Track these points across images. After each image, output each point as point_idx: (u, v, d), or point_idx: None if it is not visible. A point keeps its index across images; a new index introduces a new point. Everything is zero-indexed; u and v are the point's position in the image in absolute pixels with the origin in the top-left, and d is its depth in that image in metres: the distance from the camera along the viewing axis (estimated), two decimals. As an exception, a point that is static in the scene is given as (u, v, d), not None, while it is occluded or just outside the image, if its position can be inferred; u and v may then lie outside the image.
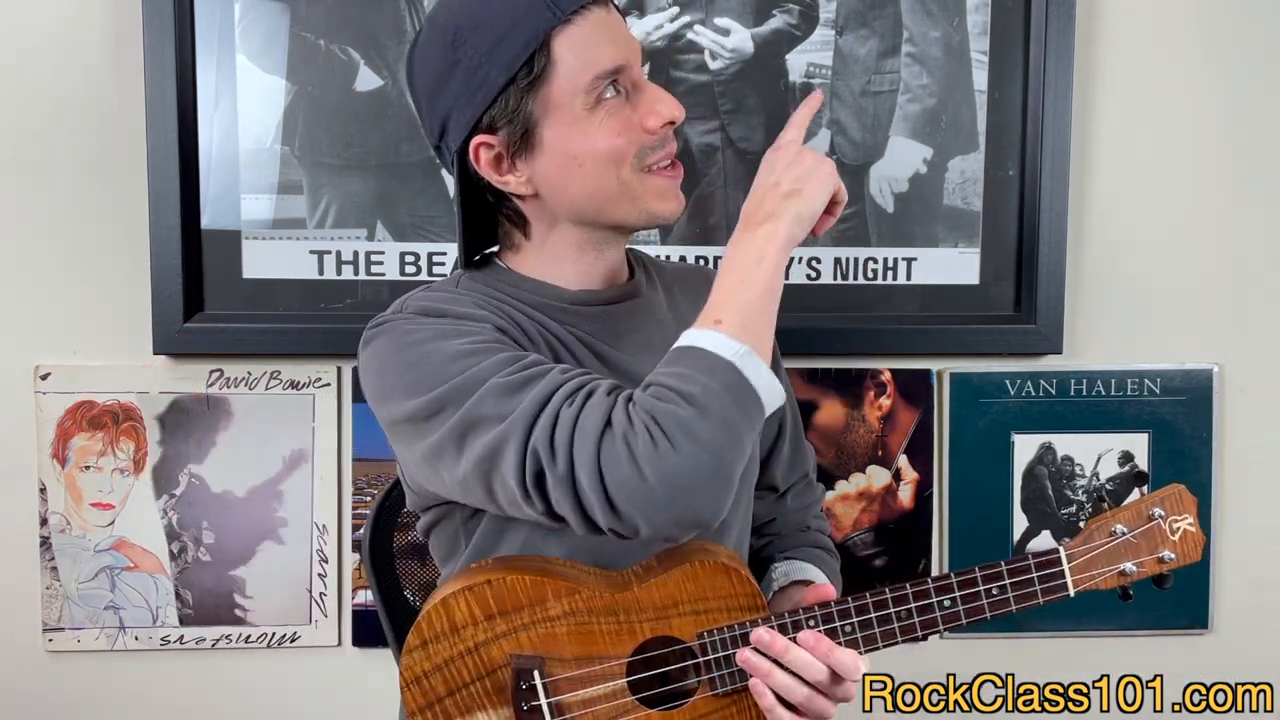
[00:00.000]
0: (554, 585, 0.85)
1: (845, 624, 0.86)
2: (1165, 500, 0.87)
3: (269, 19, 1.31)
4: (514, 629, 0.85)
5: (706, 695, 0.87)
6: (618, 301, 0.97)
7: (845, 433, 1.42)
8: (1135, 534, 0.86)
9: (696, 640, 0.86)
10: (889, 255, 1.41)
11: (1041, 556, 0.86)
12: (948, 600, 0.86)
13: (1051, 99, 1.37)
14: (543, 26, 0.83)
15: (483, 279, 0.96)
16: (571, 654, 0.85)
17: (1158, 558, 0.87)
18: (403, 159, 1.33)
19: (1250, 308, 1.47)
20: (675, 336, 0.84)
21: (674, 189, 0.91)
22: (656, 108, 0.88)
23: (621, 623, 0.86)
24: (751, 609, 0.88)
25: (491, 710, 0.85)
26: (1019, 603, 0.86)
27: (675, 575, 0.86)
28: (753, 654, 0.85)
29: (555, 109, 0.86)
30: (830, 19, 1.37)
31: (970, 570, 0.87)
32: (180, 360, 1.34)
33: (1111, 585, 0.87)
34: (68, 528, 1.34)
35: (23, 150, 1.31)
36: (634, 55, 0.89)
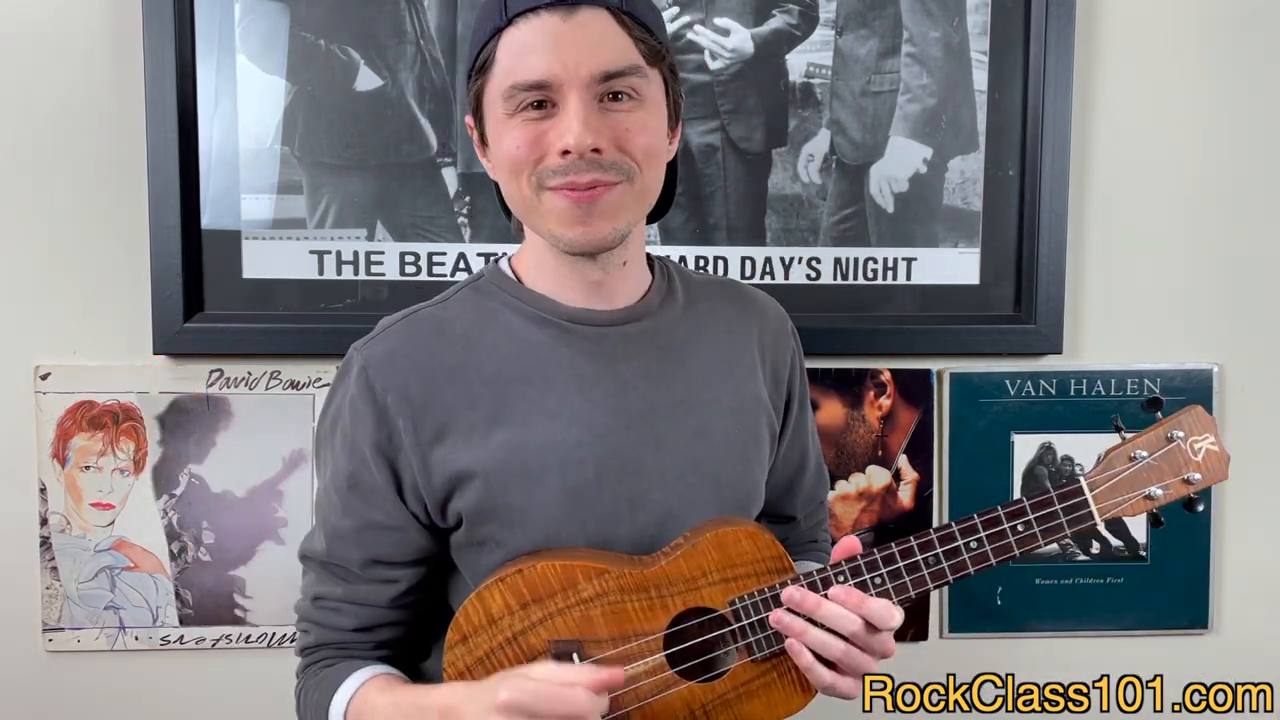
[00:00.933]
0: (583, 568, 0.86)
1: (875, 576, 0.85)
2: (1184, 421, 0.85)
3: (269, 19, 1.31)
4: (549, 615, 0.85)
5: (745, 662, 0.87)
6: (619, 324, 0.94)
7: (845, 433, 1.42)
8: (1156, 457, 0.84)
9: (729, 608, 0.87)
10: (889, 255, 1.41)
11: (1064, 488, 0.85)
12: (974, 542, 0.85)
13: (1051, 99, 1.37)
14: (493, 25, 0.85)
15: (487, 288, 0.96)
16: (608, 634, 0.85)
17: (1183, 479, 0.84)
18: (403, 159, 1.33)
19: (1250, 308, 1.47)
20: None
21: (574, 211, 0.85)
22: (558, 134, 0.83)
23: (654, 598, 0.86)
24: (780, 571, 0.88)
25: None
26: (1046, 537, 0.84)
27: (701, 546, 0.87)
28: (785, 614, 0.85)
29: (489, 106, 0.87)
30: (830, 19, 1.37)
31: (993, 510, 0.86)
32: (180, 360, 1.34)
33: (1140, 511, 0.84)
34: (68, 528, 1.34)
35: (22, 150, 1.31)
36: (573, 72, 0.82)
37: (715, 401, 0.96)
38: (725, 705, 0.87)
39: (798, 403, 1.07)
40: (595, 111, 0.84)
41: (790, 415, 1.06)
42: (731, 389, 0.98)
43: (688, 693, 0.87)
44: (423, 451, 0.88)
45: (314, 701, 0.91)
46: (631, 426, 0.91)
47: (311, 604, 0.95)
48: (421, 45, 1.32)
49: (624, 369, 0.92)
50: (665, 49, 0.89)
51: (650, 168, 0.88)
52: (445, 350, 0.91)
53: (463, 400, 0.89)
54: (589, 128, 0.83)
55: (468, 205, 1.35)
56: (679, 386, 0.94)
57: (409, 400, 0.88)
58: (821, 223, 1.39)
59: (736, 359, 1.00)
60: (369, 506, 0.90)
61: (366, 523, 0.91)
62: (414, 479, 0.89)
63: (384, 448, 0.89)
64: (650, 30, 0.87)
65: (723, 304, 1.02)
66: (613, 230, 0.87)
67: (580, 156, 0.83)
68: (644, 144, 0.86)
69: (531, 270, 0.95)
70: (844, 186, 1.39)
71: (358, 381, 0.90)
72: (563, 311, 0.93)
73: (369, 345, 0.92)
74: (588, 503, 0.89)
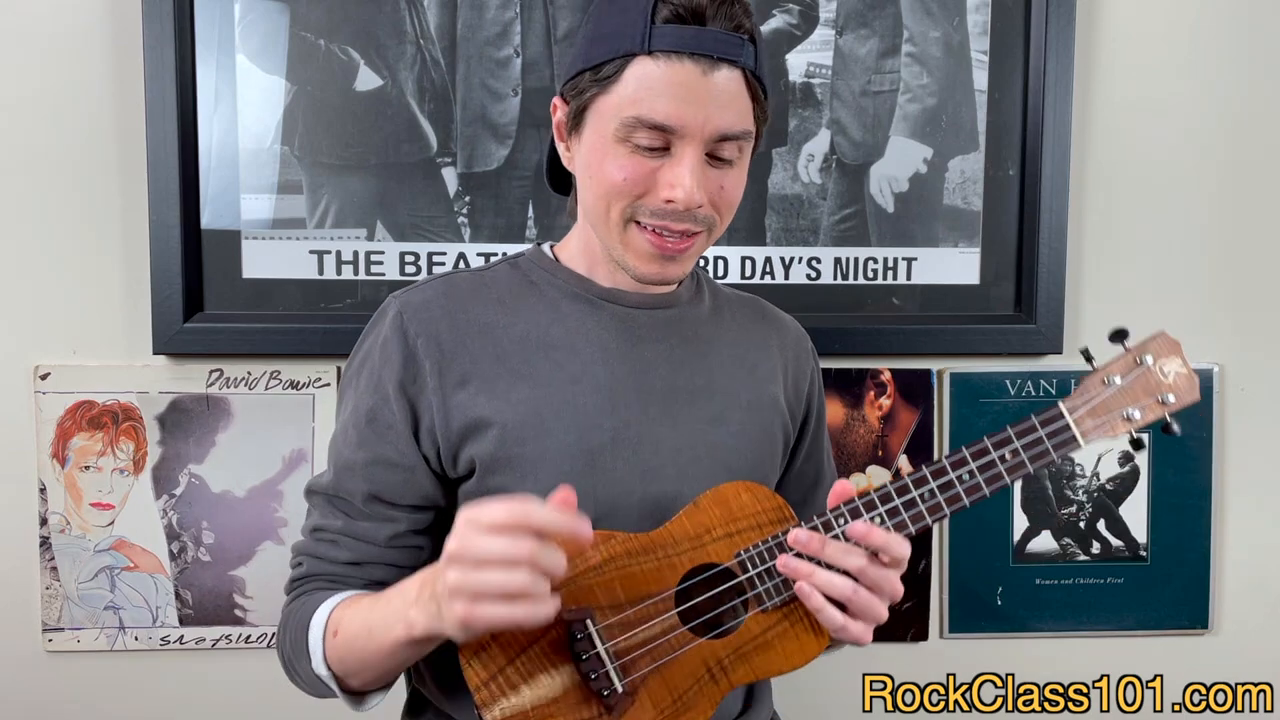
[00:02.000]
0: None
1: (873, 515, 0.86)
2: (1151, 346, 0.88)
3: (269, 19, 1.31)
4: (561, 584, 0.84)
5: (756, 613, 0.88)
6: (648, 308, 0.97)
7: (845, 433, 1.42)
8: (1129, 380, 0.87)
9: (735, 560, 0.87)
10: (889, 255, 1.41)
11: (1044, 414, 0.87)
12: (966, 474, 0.86)
13: (1051, 99, 1.37)
14: (630, 46, 0.85)
15: (525, 265, 1.00)
16: (619, 599, 0.86)
17: (1158, 400, 0.87)
18: (403, 159, 1.33)
19: (1250, 308, 1.47)
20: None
21: (655, 255, 0.89)
22: (668, 183, 0.86)
23: (660, 559, 0.87)
24: (781, 521, 0.89)
25: (553, 670, 0.85)
26: (1034, 462, 0.86)
27: (701, 504, 0.89)
28: (792, 558, 0.86)
29: (598, 118, 0.88)
30: (830, 19, 1.37)
31: (979, 441, 0.87)
32: (180, 360, 1.34)
33: (1121, 431, 0.87)
34: (68, 528, 1.34)
35: (22, 150, 1.31)
36: (699, 127, 0.84)
37: (734, 395, 0.99)
38: (742, 658, 0.87)
39: (815, 419, 1.10)
40: (704, 168, 0.87)
41: (807, 430, 1.09)
42: (750, 386, 1.01)
43: (704, 650, 0.87)
44: (445, 395, 0.91)
45: (296, 622, 0.91)
46: (650, 403, 0.94)
47: (309, 536, 0.96)
48: (421, 45, 1.32)
49: (648, 349, 0.96)
50: (770, 114, 0.93)
51: (728, 217, 0.93)
52: (479, 308, 0.95)
53: (490, 354, 0.92)
54: (700, 185, 0.86)
55: (468, 205, 1.35)
56: (700, 375, 0.97)
57: (439, 345, 0.92)
58: (821, 222, 1.40)
59: (757, 362, 1.03)
60: (383, 442, 0.92)
61: (377, 458, 0.92)
62: (432, 421, 0.91)
63: (408, 387, 0.92)
64: (766, 93, 0.90)
65: (747, 315, 1.06)
66: (682, 273, 0.93)
67: (686, 210, 0.87)
68: (731, 200, 0.91)
69: (574, 254, 0.99)
70: (844, 186, 1.39)
71: (392, 324, 0.93)
72: (596, 289, 0.97)
73: (407, 293, 0.96)
74: (601, 466, 0.90)
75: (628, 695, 0.85)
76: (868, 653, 1.44)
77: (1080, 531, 1.46)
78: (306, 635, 0.89)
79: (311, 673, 0.89)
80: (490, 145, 1.34)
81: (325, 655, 0.87)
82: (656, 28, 0.84)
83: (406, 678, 1.05)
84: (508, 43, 1.33)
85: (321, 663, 0.88)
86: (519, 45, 1.33)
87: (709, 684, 0.87)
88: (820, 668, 1.14)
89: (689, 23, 0.84)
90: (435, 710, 0.99)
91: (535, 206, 1.35)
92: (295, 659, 0.91)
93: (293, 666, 0.92)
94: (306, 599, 0.92)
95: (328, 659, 0.87)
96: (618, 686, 0.84)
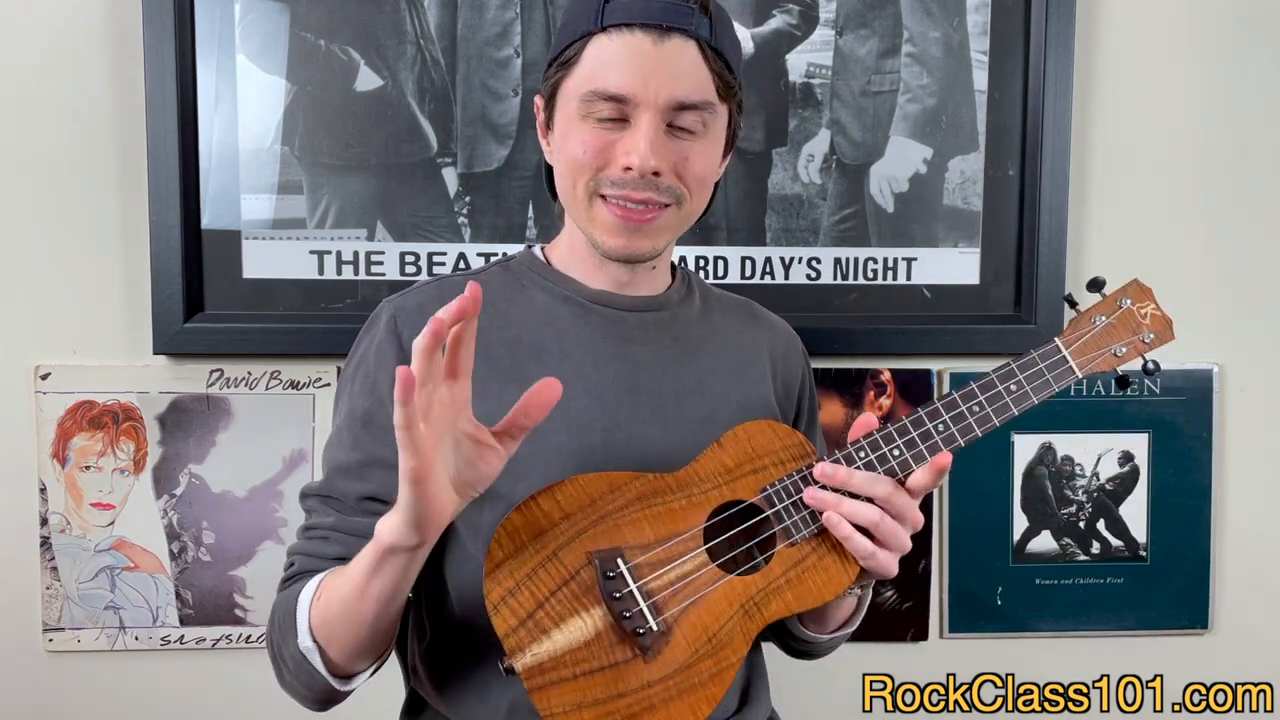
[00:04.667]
0: (614, 477, 0.87)
1: (893, 448, 0.89)
2: (1128, 291, 0.97)
3: (269, 19, 1.31)
4: (587, 526, 0.85)
5: (785, 547, 0.88)
6: (638, 310, 0.98)
7: (845, 432, 1.42)
8: (1113, 318, 0.95)
9: (761, 495, 0.88)
10: (889, 255, 1.41)
11: (1042, 349, 0.93)
12: (976, 406, 0.90)
13: (1051, 99, 1.37)
14: (586, 26, 0.88)
15: (517, 268, 1.01)
16: (647, 538, 0.86)
17: (1140, 339, 0.96)
18: (403, 159, 1.33)
19: (1250, 308, 1.47)
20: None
21: (620, 227, 0.90)
22: (624, 150, 0.88)
23: (687, 497, 0.88)
24: (803, 456, 0.91)
25: (584, 612, 0.83)
26: (1037, 393, 0.92)
27: (725, 443, 0.90)
28: (818, 489, 0.87)
29: (564, 100, 0.91)
30: (830, 19, 1.37)
31: (985, 375, 0.92)
32: (180, 360, 1.34)
33: (1109, 367, 0.95)
34: (68, 528, 1.34)
35: (22, 150, 1.31)
36: (653, 95, 0.86)
37: (724, 395, 0.99)
38: (775, 592, 0.87)
39: (806, 419, 1.10)
40: (662, 136, 0.88)
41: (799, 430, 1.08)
42: (741, 387, 1.01)
43: (736, 586, 0.87)
44: None
45: (285, 604, 0.90)
46: (640, 405, 0.94)
47: (301, 535, 0.96)
48: (421, 45, 1.32)
49: (638, 351, 0.97)
50: (739, 85, 0.93)
51: (699, 194, 0.94)
52: None
53: (481, 358, 0.92)
54: (655, 151, 0.87)
55: (468, 205, 1.35)
56: (690, 376, 0.98)
57: None
58: (821, 223, 1.40)
59: (747, 363, 1.03)
60: (378, 443, 0.92)
61: (372, 458, 0.92)
62: None
63: None
64: (730, 67, 0.91)
65: (737, 316, 1.07)
66: (651, 248, 0.94)
67: (641, 176, 0.88)
68: (699, 173, 0.92)
69: (564, 255, 1.00)
70: (844, 186, 1.39)
71: (386, 327, 0.94)
72: (586, 292, 0.97)
73: (400, 297, 0.97)
74: (592, 466, 0.90)
75: (662, 634, 0.84)
76: (868, 653, 1.44)
77: (1080, 531, 1.46)
78: (295, 609, 0.87)
79: (297, 652, 0.87)
80: (490, 145, 1.34)
81: (310, 622, 0.86)
82: (609, 4, 0.87)
83: (405, 679, 1.05)
84: (508, 43, 1.33)
85: (306, 632, 0.86)
86: (519, 45, 1.33)
87: (743, 620, 0.86)
88: (820, 667, 1.15)
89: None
90: (433, 711, 0.99)
91: (535, 207, 1.35)
92: (283, 642, 0.89)
93: (280, 656, 0.90)
94: (297, 584, 0.91)
95: (312, 626, 0.86)
96: (653, 625, 0.83)
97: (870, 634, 1.43)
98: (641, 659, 0.83)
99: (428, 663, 0.97)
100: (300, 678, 0.88)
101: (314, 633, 0.86)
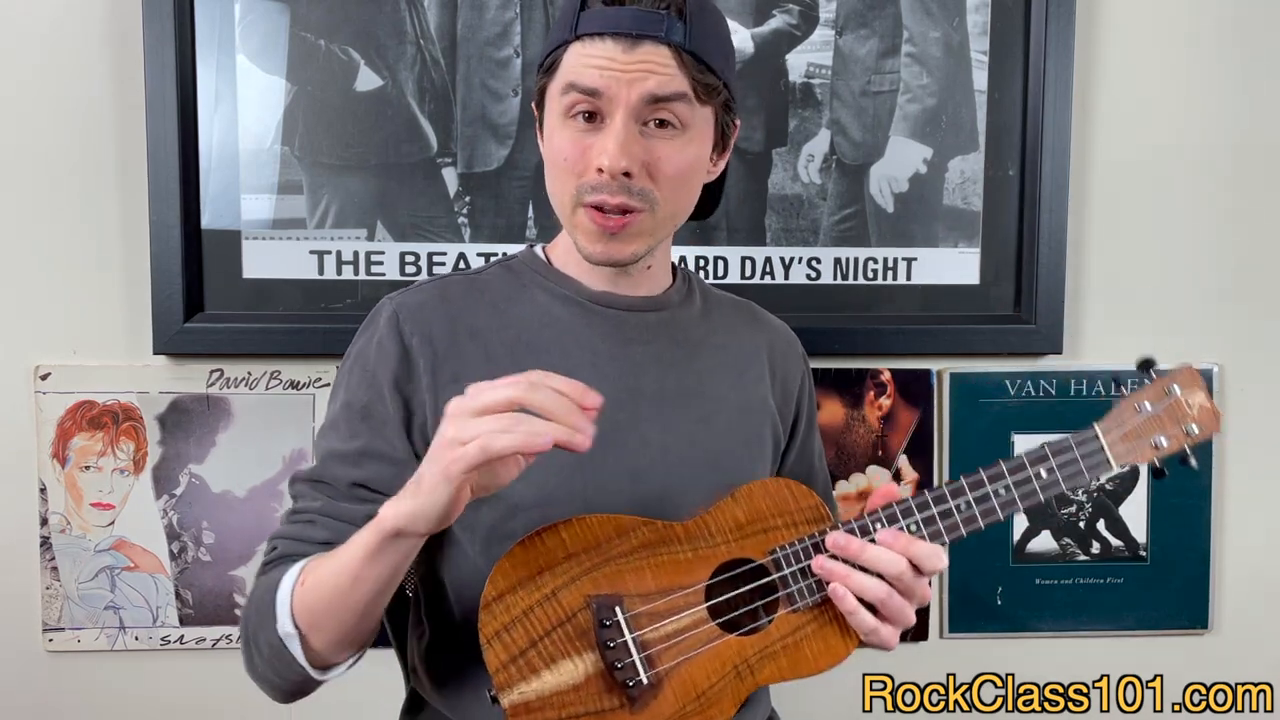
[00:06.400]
0: (621, 521, 0.86)
1: (910, 522, 0.87)
2: (1179, 378, 0.92)
3: (269, 19, 1.31)
4: (589, 569, 0.84)
5: (786, 612, 0.87)
6: (638, 310, 0.98)
7: (845, 433, 1.42)
8: (1159, 408, 0.90)
9: (768, 557, 0.87)
10: (889, 255, 1.41)
11: (1080, 435, 0.89)
12: (1002, 489, 0.88)
13: (1051, 99, 1.37)
14: (563, 35, 0.89)
15: (518, 267, 1.01)
16: (649, 588, 0.85)
17: (1184, 430, 0.90)
18: (403, 159, 1.33)
19: (1250, 308, 1.47)
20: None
21: (599, 233, 0.90)
22: (597, 152, 0.88)
23: (694, 551, 0.87)
24: (817, 520, 0.89)
25: (576, 656, 0.83)
26: (1068, 481, 0.88)
27: (739, 497, 0.89)
28: (828, 559, 0.86)
29: (550, 103, 0.92)
30: (830, 19, 1.37)
31: (1017, 458, 0.89)
32: (180, 360, 1.34)
33: (1148, 459, 0.90)
34: (68, 528, 1.34)
35: (22, 150, 1.31)
36: (624, 96, 0.87)
37: (723, 396, 0.99)
38: (770, 657, 0.87)
39: (805, 422, 1.10)
40: (635, 135, 0.88)
41: (797, 433, 1.09)
42: (740, 388, 1.01)
43: (732, 646, 0.86)
44: (437, 393, 0.92)
45: (262, 589, 0.88)
46: (639, 405, 0.95)
47: (286, 520, 0.95)
48: (421, 45, 1.32)
49: (638, 351, 0.97)
50: (725, 85, 0.93)
51: (677, 194, 0.92)
52: (472, 312, 0.96)
53: (481, 357, 0.94)
54: (624, 151, 0.87)
55: (468, 205, 1.35)
56: (689, 376, 0.98)
57: (432, 346, 0.93)
58: (821, 223, 1.40)
59: (746, 365, 1.03)
60: (375, 436, 0.92)
61: (369, 449, 0.92)
62: (424, 418, 0.92)
63: (402, 385, 0.93)
64: (711, 69, 0.90)
65: (737, 318, 1.07)
66: (632, 254, 0.93)
67: (613, 178, 0.88)
68: (673, 172, 0.90)
69: (564, 255, 1.00)
70: (844, 186, 1.39)
71: (387, 323, 0.95)
72: (587, 293, 0.98)
73: (402, 294, 0.98)
74: (590, 467, 0.90)
75: (652, 687, 0.84)
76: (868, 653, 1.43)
77: (1080, 531, 1.46)
78: (274, 595, 0.85)
79: (275, 638, 0.85)
80: (490, 145, 1.34)
81: (292, 607, 0.84)
82: (584, 13, 0.88)
83: (405, 678, 1.05)
84: (508, 43, 1.33)
85: (288, 617, 0.84)
86: (519, 45, 1.33)
87: (734, 681, 0.86)
88: (820, 668, 1.14)
89: (610, 4, 0.87)
90: (433, 710, 0.99)
91: (535, 206, 1.35)
92: (260, 627, 0.87)
93: (255, 642, 0.88)
94: (277, 569, 0.90)
95: (294, 611, 0.84)
96: (643, 678, 0.83)
97: (870, 634, 1.43)
98: (628, 710, 0.83)
99: (427, 662, 0.97)
100: (275, 666, 0.86)
101: (296, 619, 0.84)
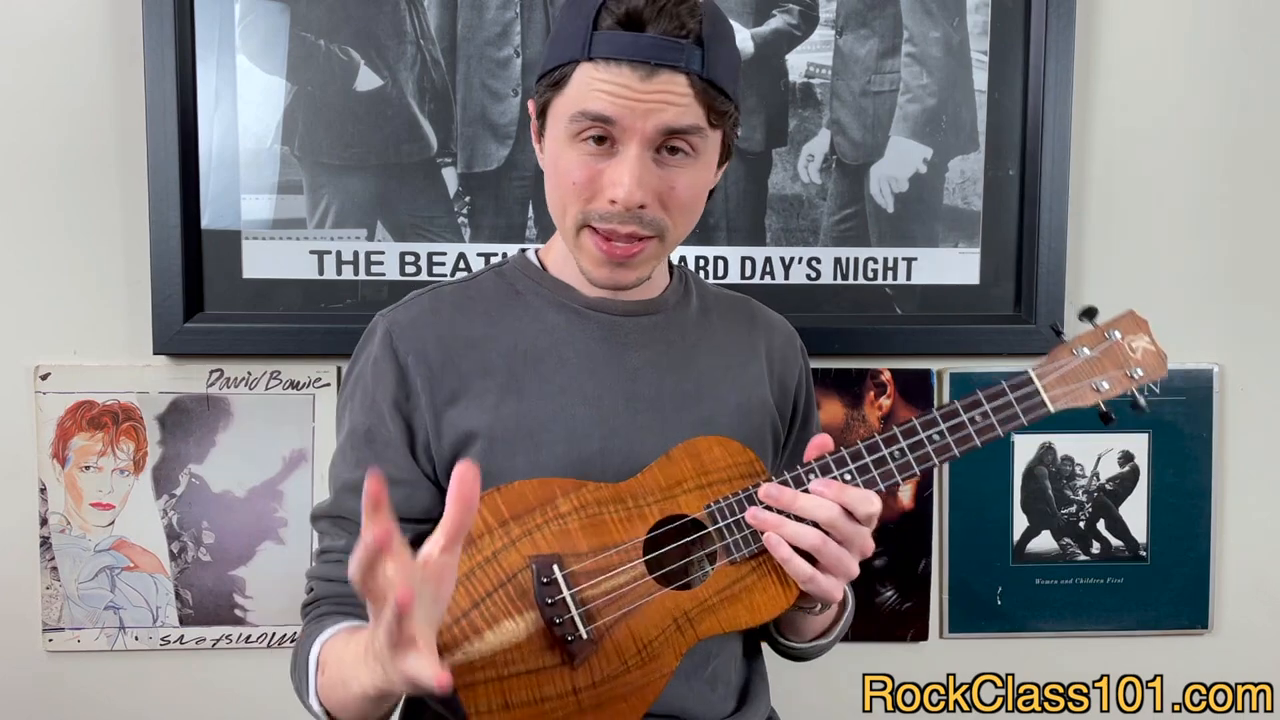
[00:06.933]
0: (560, 484, 0.87)
1: (844, 472, 0.87)
2: (1120, 323, 0.91)
3: (269, 19, 1.31)
4: (527, 531, 0.85)
5: (724, 564, 0.88)
6: (635, 315, 0.98)
7: (845, 433, 1.42)
8: (1097, 351, 0.90)
9: (704, 511, 0.88)
10: (889, 255, 1.41)
11: (1014, 379, 0.90)
12: (936, 434, 0.88)
13: (1051, 99, 1.37)
14: (574, 53, 0.86)
15: (511, 273, 1.00)
16: (587, 546, 0.86)
17: (1126, 374, 0.90)
18: (403, 159, 1.33)
19: (1250, 308, 1.47)
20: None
21: (604, 260, 0.89)
22: (610, 182, 0.86)
23: (630, 508, 0.87)
24: (753, 475, 0.90)
25: (517, 615, 0.84)
26: (1003, 425, 0.89)
27: (674, 456, 0.90)
28: (761, 510, 0.87)
29: (555, 120, 0.90)
30: (830, 19, 1.37)
31: (950, 404, 0.89)
32: (180, 360, 1.34)
33: (1090, 401, 0.90)
34: (68, 528, 1.34)
35: (23, 150, 1.31)
36: (640, 126, 0.84)
37: (722, 398, 0.99)
38: (708, 610, 0.87)
39: (803, 418, 1.10)
40: (649, 166, 0.87)
41: (794, 430, 1.09)
42: (738, 389, 1.01)
43: (670, 600, 0.87)
44: (436, 411, 0.92)
45: (301, 653, 0.92)
46: (638, 411, 0.94)
47: (317, 559, 0.97)
48: (421, 45, 1.32)
49: (634, 357, 0.96)
50: (736, 106, 0.92)
51: (688, 219, 0.92)
52: (466, 323, 0.96)
53: (478, 369, 0.93)
54: (640, 184, 0.86)
55: (468, 205, 1.35)
56: (687, 379, 0.98)
57: (427, 363, 0.93)
58: (821, 223, 1.40)
59: (745, 364, 1.03)
60: (382, 460, 0.92)
61: None
62: (427, 437, 0.92)
63: (401, 405, 0.93)
64: (726, 92, 0.89)
65: (735, 316, 1.06)
66: (637, 279, 0.93)
67: (626, 209, 0.87)
68: (685, 200, 0.90)
69: (558, 260, 0.99)
70: (844, 186, 1.39)
71: (381, 343, 0.95)
72: (581, 299, 0.97)
73: (394, 311, 0.97)
74: (591, 475, 0.90)
75: (591, 643, 0.84)
76: (868, 653, 1.44)
77: (1080, 531, 1.46)
78: (307, 668, 0.89)
79: (312, 705, 0.89)
80: (490, 145, 1.34)
81: (317, 692, 0.87)
82: (597, 33, 0.84)
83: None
84: (508, 43, 1.33)
85: (314, 697, 0.88)
86: (519, 45, 1.33)
87: (675, 635, 0.86)
88: (820, 667, 1.14)
89: (628, 28, 0.84)
90: (433, 711, 0.99)
91: (535, 207, 1.35)
92: (300, 688, 0.91)
93: (300, 692, 0.92)
94: (312, 626, 0.92)
95: (320, 696, 0.87)
96: (582, 633, 0.84)
97: (870, 634, 1.43)
98: (569, 665, 0.84)
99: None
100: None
101: (321, 701, 0.87)
